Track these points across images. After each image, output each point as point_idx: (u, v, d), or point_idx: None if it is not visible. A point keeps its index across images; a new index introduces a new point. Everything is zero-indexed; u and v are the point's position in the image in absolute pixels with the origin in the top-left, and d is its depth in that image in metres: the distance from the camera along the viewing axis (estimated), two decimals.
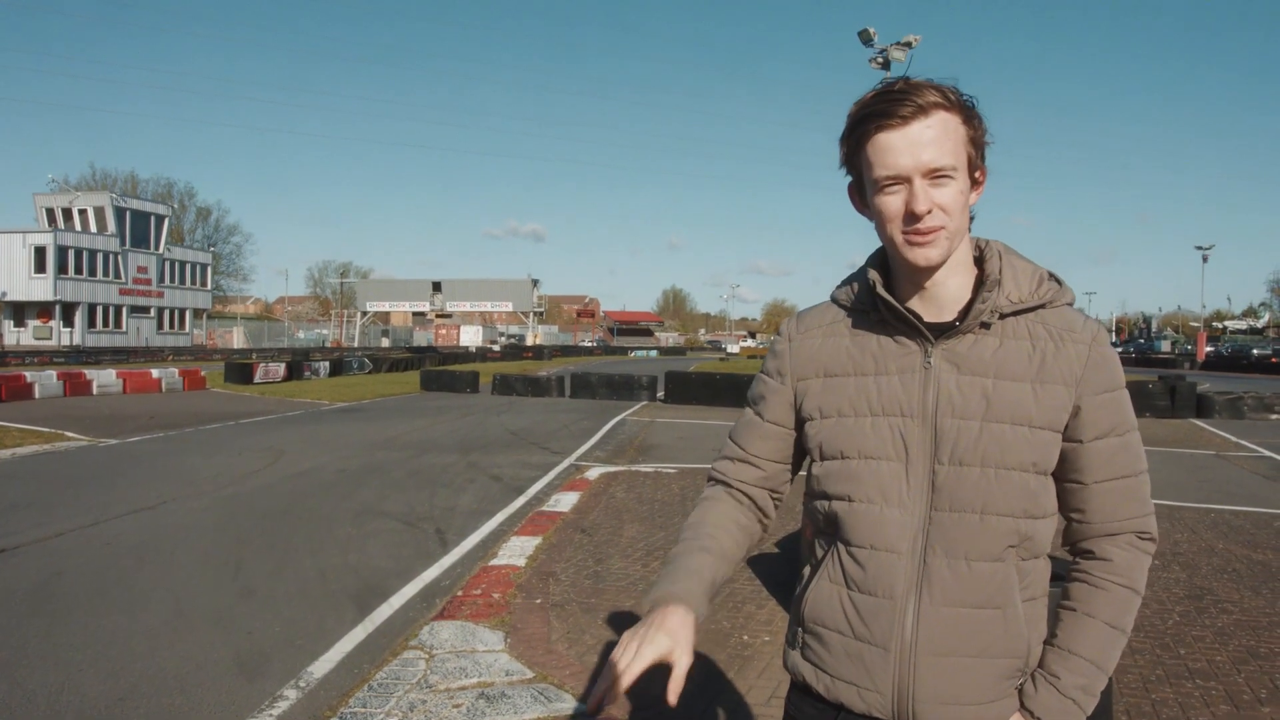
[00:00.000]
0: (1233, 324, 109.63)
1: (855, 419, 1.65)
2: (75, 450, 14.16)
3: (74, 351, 49.12)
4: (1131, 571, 1.61)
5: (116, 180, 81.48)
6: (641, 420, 20.08)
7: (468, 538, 8.27)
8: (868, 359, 1.66)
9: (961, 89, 1.57)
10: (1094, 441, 1.58)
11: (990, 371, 1.57)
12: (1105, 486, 1.59)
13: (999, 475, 1.55)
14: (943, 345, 1.60)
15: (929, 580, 1.58)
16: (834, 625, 1.66)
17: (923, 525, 1.59)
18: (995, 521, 1.55)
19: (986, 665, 1.57)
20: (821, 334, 1.73)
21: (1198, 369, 54.75)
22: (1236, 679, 4.89)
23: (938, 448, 1.59)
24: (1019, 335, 1.59)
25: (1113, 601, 1.60)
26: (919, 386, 1.60)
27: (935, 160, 1.50)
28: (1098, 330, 1.61)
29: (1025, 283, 1.62)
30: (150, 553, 7.56)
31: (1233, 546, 7.99)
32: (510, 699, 4.57)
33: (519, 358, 68.42)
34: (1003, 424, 1.55)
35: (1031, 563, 1.61)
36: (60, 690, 4.69)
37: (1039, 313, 1.61)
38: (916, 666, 1.58)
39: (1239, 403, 21.78)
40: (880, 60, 27.87)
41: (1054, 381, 1.56)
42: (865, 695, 1.62)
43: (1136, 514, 1.61)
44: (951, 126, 1.53)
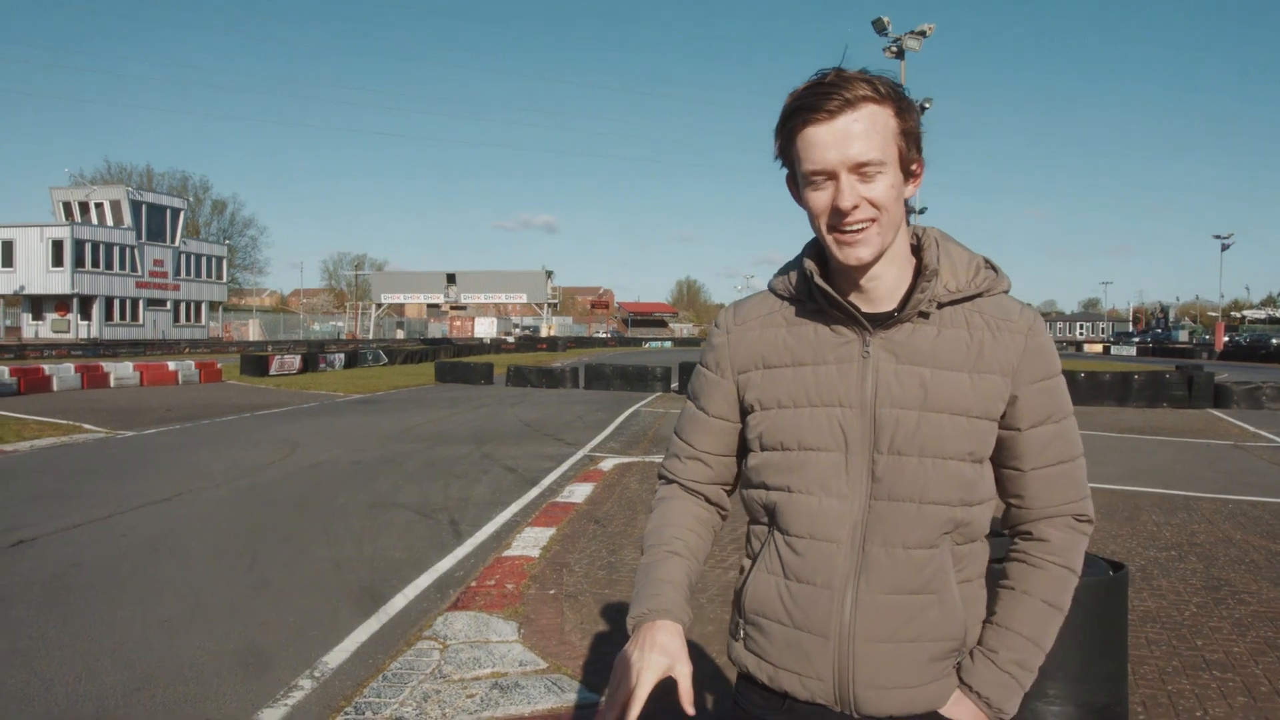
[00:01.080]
0: (1251, 313, 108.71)
1: (794, 410, 1.64)
2: (93, 442, 14.26)
3: (91, 344, 49.46)
4: (1068, 552, 1.65)
5: (132, 174, 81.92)
6: (655, 411, 20.08)
7: (482, 529, 8.28)
8: (805, 349, 1.65)
9: (898, 85, 1.55)
10: (1031, 429, 1.61)
11: (928, 361, 1.58)
12: (1043, 473, 1.63)
13: (936, 465, 1.56)
14: (881, 335, 1.60)
15: (867, 569, 1.59)
16: (773, 615, 1.66)
17: (863, 515, 1.60)
18: (932, 510, 1.57)
19: (923, 649, 1.60)
20: (759, 324, 1.71)
21: (1216, 359, 54.38)
22: (1254, 670, 4.85)
23: (877, 437, 1.59)
24: (956, 324, 1.60)
25: (1050, 580, 1.64)
26: (857, 376, 1.60)
27: (862, 155, 1.49)
28: (1034, 319, 1.62)
29: (962, 272, 1.62)
30: (166, 544, 7.60)
31: (1251, 537, 7.93)
32: (524, 689, 4.58)
33: (533, 349, 68.50)
34: (940, 414, 1.57)
35: (968, 546, 1.64)
36: (78, 679, 4.72)
37: (976, 302, 1.62)
38: (855, 653, 1.59)
39: (1257, 392, 21.61)
40: (894, 49, 27.73)
41: (991, 371, 1.58)
42: (807, 683, 1.64)
43: (1074, 498, 1.65)
44: (881, 120, 1.50)
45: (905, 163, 1.54)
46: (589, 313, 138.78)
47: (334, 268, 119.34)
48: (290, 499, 9.57)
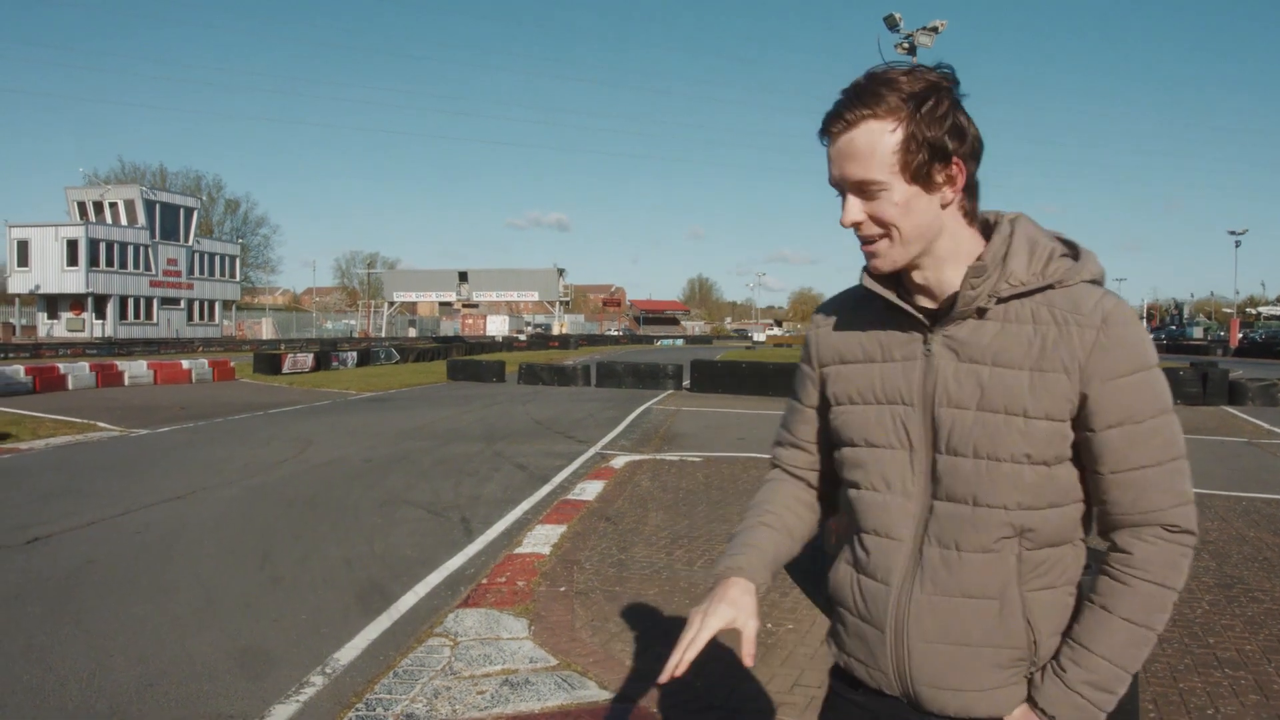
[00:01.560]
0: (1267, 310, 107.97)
1: (863, 406, 1.67)
2: (107, 440, 14.35)
3: (106, 343, 49.71)
4: (1154, 566, 1.51)
5: (146, 173, 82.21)
6: (667, 409, 20.08)
7: (493, 526, 8.30)
8: (876, 346, 1.66)
9: (972, 83, 1.52)
10: (1106, 431, 1.50)
11: (988, 358, 1.54)
12: (1123, 477, 1.51)
13: (990, 466, 1.53)
14: (943, 332, 1.58)
15: (923, 569, 1.60)
16: (846, 605, 1.72)
17: (924, 514, 1.60)
18: (986, 513, 1.54)
19: (980, 654, 1.57)
20: (842, 320, 1.74)
21: (1231, 355, 54.04)
22: (1266, 668, 4.83)
23: (935, 437, 1.58)
24: (1022, 319, 1.53)
25: (1133, 596, 1.51)
26: (919, 374, 1.60)
27: (857, 174, 1.51)
28: (1111, 310, 1.50)
29: (1032, 263, 1.55)
30: (179, 541, 7.65)
31: (1264, 535, 7.89)
32: (534, 686, 4.59)
33: (545, 347, 68.52)
34: (996, 414, 1.52)
35: (1045, 552, 1.57)
36: (92, 675, 4.76)
37: (1047, 294, 1.54)
38: (910, 650, 1.61)
39: (1272, 389, 21.45)
40: (906, 46, 27.63)
41: (1053, 369, 1.50)
42: (872, 673, 1.68)
43: (1162, 505, 1.51)
44: (880, 136, 1.48)
45: (918, 174, 1.50)
46: (601, 310, 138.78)
47: (346, 266, 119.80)
48: (302, 497, 9.61)
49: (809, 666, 4.85)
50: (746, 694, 4.53)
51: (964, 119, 1.51)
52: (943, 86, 1.50)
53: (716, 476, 10.81)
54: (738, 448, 13.54)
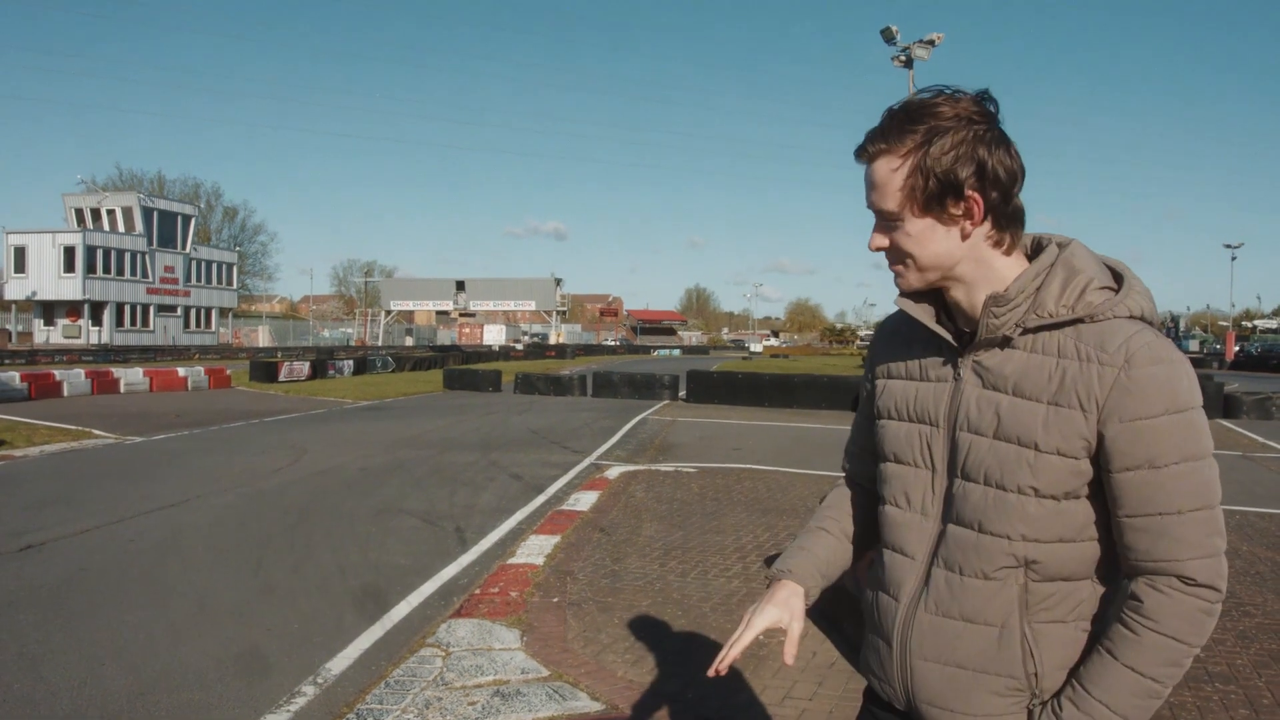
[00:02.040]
0: (1263, 323, 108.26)
1: (897, 423, 1.71)
2: (102, 448, 14.33)
3: (102, 350, 49.64)
4: (1165, 617, 1.46)
5: (143, 180, 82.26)
6: (663, 419, 20.08)
7: (487, 536, 8.31)
8: (916, 365, 1.70)
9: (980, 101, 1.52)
10: (1124, 473, 1.46)
11: (1008, 388, 1.54)
12: (1140, 522, 1.47)
13: (996, 495, 1.54)
14: (973, 358, 1.60)
15: (929, 589, 1.63)
16: (869, 618, 1.77)
17: (937, 535, 1.63)
18: (990, 541, 1.55)
19: (978, 679, 1.59)
20: (894, 336, 1.78)
21: (1226, 368, 54.12)
22: (1257, 683, 4.84)
23: (952, 460, 1.61)
24: (1047, 351, 1.52)
25: (1141, 647, 1.47)
26: (948, 397, 1.63)
27: (877, 204, 1.57)
28: (1138, 349, 1.45)
29: (1065, 295, 1.53)
30: (173, 549, 7.64)
31: (1257, 549, 7.91)
32: (525, 697, 4.59)
33: (542, 356, 68.58)
34: (1009, 443, 1.53)
35: (1055, 585, 1.55)
36: (83, 684, 4.75)
37: (1078, 327, 1.51)
38: (913, 668, 1.64)
39: (1267, 403, 21.49)
40: (903, 59, 27.72)
41: (1069, 405, 1.48)
42: (884, 687, 1.72)
43: (1179, 556, 1.45)
44: (890, 172, 1.52)
45: (928, 206, 1.52)
46: (598, 320, 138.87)
47: (343, 274, 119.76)
48: (297, 505, 9.61)
49: (801, 679, 4.85)
50: (738, 705, 4.54)
51: (985, 151, 1.49)
52: (970, 119, 1.50)
53: (711, 488, 10.81)
54: (733, 459, 13.54)
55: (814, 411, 22.17)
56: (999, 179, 1.50)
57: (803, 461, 13.25)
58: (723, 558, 7.38)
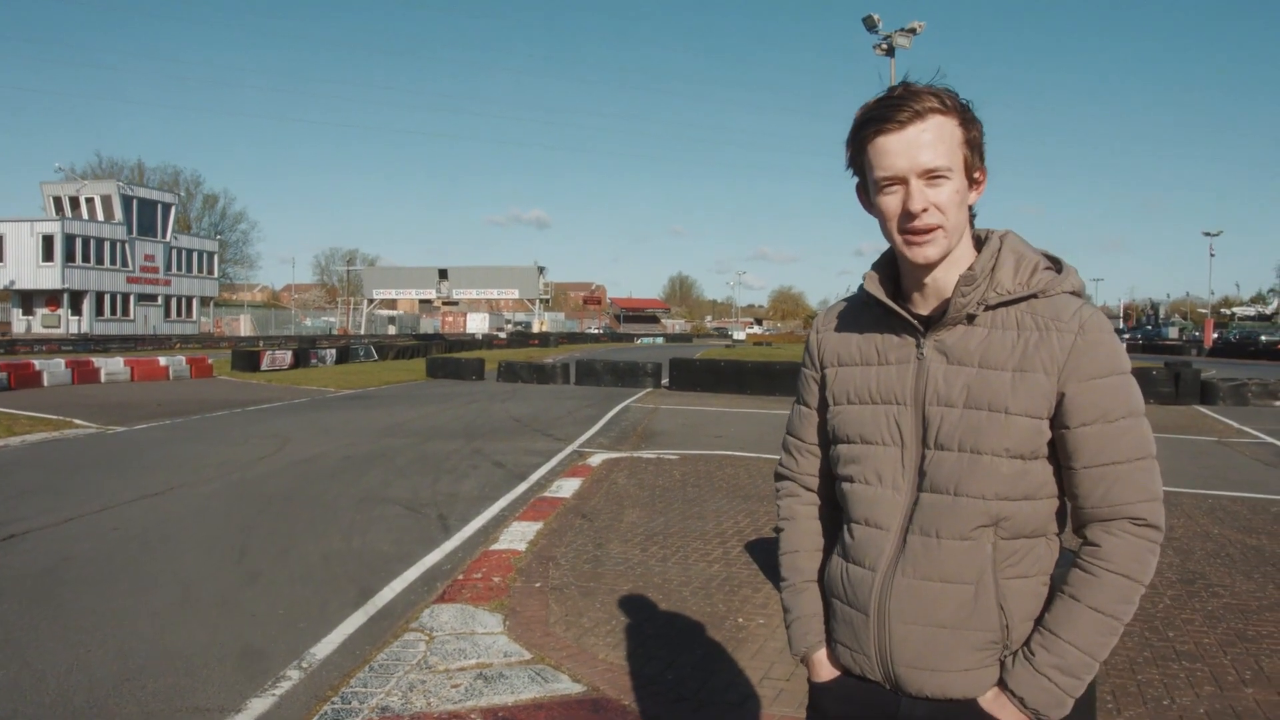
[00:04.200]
0: (1241, 310, 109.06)
1: (859, 406, 1.79)
2: (83, 437, 14.30)
3: (82, 339, 49.35)
4: (1121, 557, 1.62)
5: (123, 169, 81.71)
6: (645, 407, 20.16)
7: (470, 523, 8.37)
8: (872, 350, 1.79)
9: (960, 92, 1.66)
10: (1080, 428, 1.62)
11: (975, 361, 1.67)
12: (1095, 472, 1.63)
13: (972, 459, 1.65)
14: (934, 337, 1.71)
15: (905, 555, 1.71)
16: (836, 593, 1.84)
17: (910, 505, 1.72)
18: (966, 503, 1.66)
19: (957, 636, 1.68)
20: (840, 325, 1.87)
21: (1205, 355, 54.58)
22: (1223, 661, 4.96)
23: (925, 433, 1.71)
24: (1007, 325, 1.67)
25: (1101, 587, 1.62)
26: (912, 376, 1.73)
27: (930, 162, 1.61)
28: (1088, 319, 1.64)
29: (1018, 273, 1.69)
30: (157, 538, 7.67)
31: (1228, 531, 8.05)
32: (508, 679, 4.66)
33: (525, 345, 68.53)
34: (980, 410, 1.65)
35: (1020, 542, 1.68)
36: (69, 670, 4.80)
37: (1030, 303, 1.68)
38: (891, 633, 1.72)
39: (1243, 389, 21.75)
40: (884, 47, 27.80)
41: (1034, 369, 1.63)
42: (857, 658, 1.79)
43: (1130, 499, 1.63)
44: (947, 130, 1.63)
45: (969, 170, 1.66)
46: (581, 308, 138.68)
47: (326, 263, 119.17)
48: (280, 493, 9.64)
49: (778, 660, 4.94)
50: (716, 686, 4.62)
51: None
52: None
53: (693, 474, 10.90)
54: (715, 445, 13.63)
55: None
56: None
57: None
58: (704, 543, 7.47)
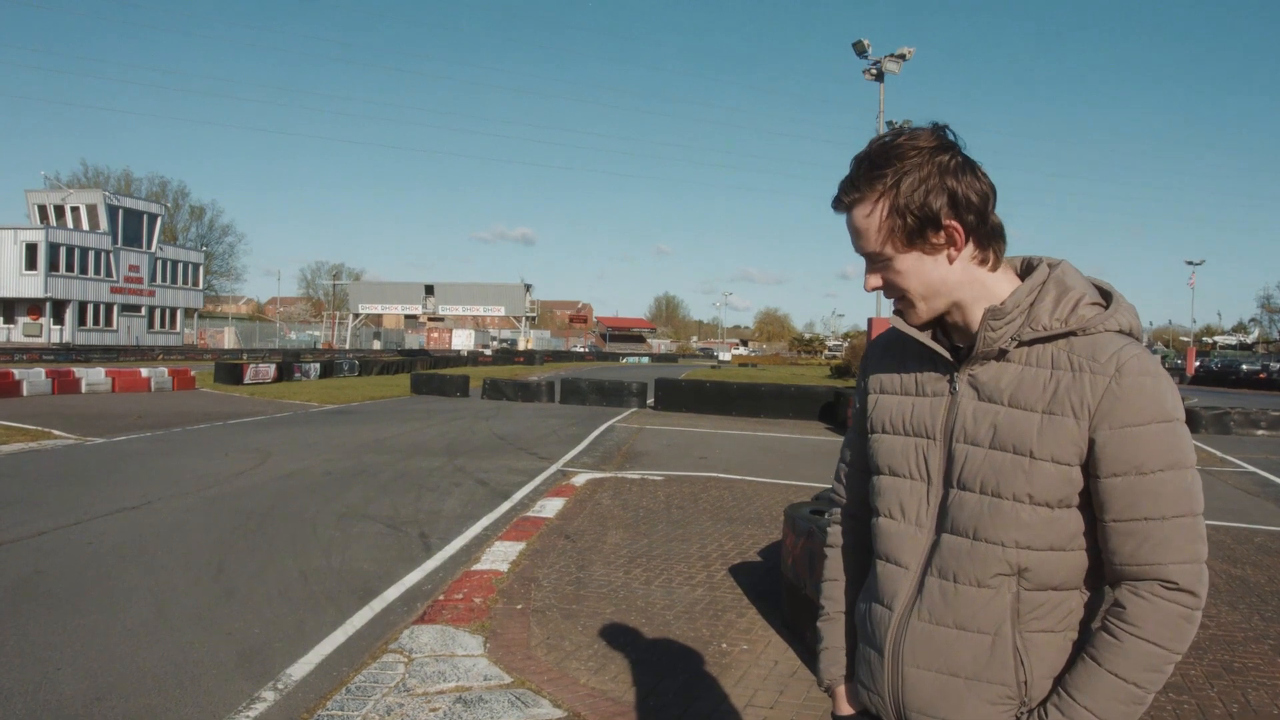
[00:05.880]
0: (1223, 339, 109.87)
1: (892, 436, 1.75)
2: (62, 449, 14.12)
3: (63, 349, 48.97)
4: (1147, 623, 1.51)
5: (110, 178, 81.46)
6: (630, 427, 20.09)
7: (451, 542, 8.27)
8: (911, 381, 1.75)
9: (950, 123, 1.60)
10: (1111, 478, 1.52)
11: (1004, 399, 1.60)
12: (1124, 526, 1.53)
13: (993, 503, 1.58)
14: (969, 372, 1.65)
15: (922, 597, 1.65)
16: (860, 629, 1.80)
17: (930, 545, 1.66)
18: (984, 548, 1.59)
19: (970, 686, 1.61)
20: (887, 353, 1.82)
21: (1187, 384, 54.90)
22: (1209, 693, 4.93)
23: (948, 471, 1.65)
24: (1042, 363, 1.59)
25: (1125, 653, 1.51)
26: (944, 410, 1.67)
27: (863, 249, 1.63)
28: (1129, 359, 1.52)
29: (1059, 308, 1.60)
30: (132, 552, 7.55)
31: (1212, 561, 7.97)
32: (488, 704, 4.58)
33: (510, 362, 68.32)
34: (1005, 452, 1.58)
35: (1046, 594, 1.59)
36: (37, 689, 4.68)
37: (1069, 340, 1.58)
38: (904, 677, 1.66)
39: (1225, 418, 21.85)
40: (874, 71, 27.97)
41: (1063, 413, 1.54)
42: (872, 698, 1.74)
43: (1161, 560, 1.51)
44: (871, 215, 1.60)
45: (912, 241, 1.59)
46: (567, 327, 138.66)
47: (312, 276, 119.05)
48: (260, 509, 9.52)
49: (762, 687, 4.87)
50: (700, 713, 4.55)
51: (953, 180, 1.56)
52: (933, 152, 1.57)
53: (677, 496, 10.83)
54: (699, 467, 13.57)
55: (781, 421, 22.27)
56: (971, 203, 1.57)
57: (769, 470, 13.30)
58: (688, 566, 7.40)
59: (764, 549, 7.92)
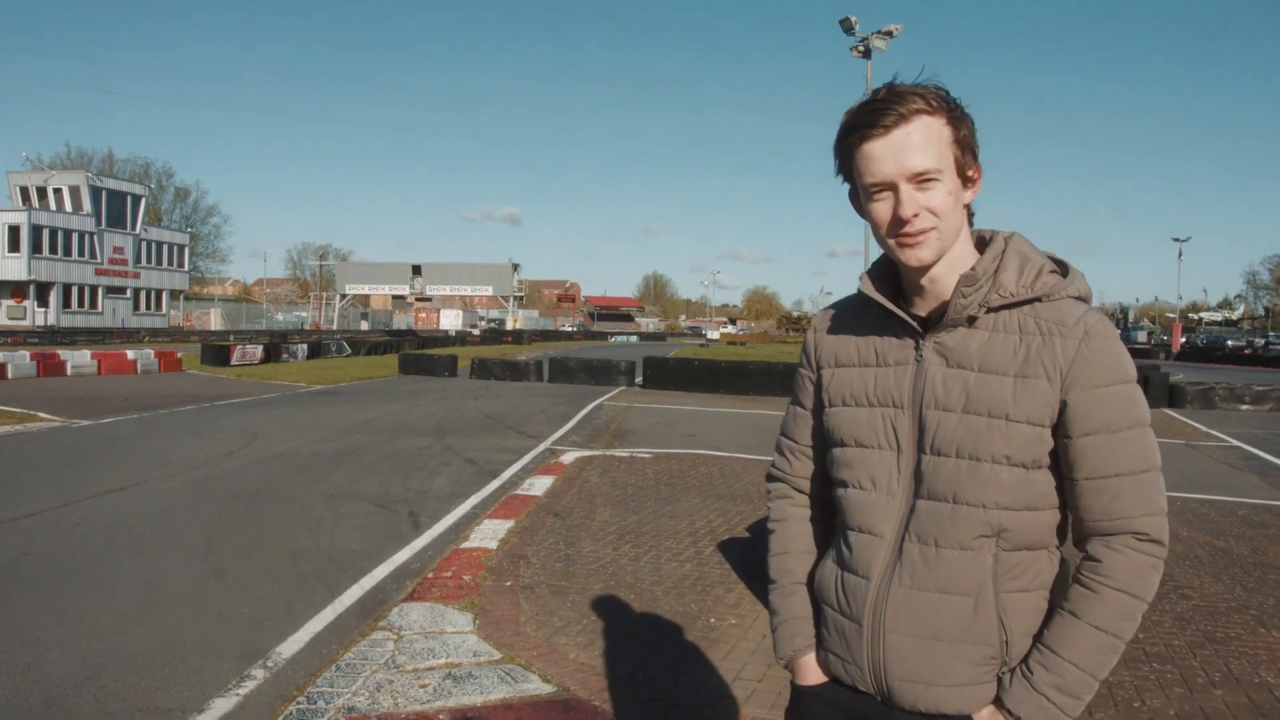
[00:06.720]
0: (1209, 315, 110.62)
1: (855, 408, 1.74)
2: (47, 431, 14.07)
3: (48, 332, 48.68)
4: (1122, 574, 1.57)
5: (93, 159, 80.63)
6: (619, 405, 20.11)
7: (440, 520, 8.28)
8: (871, 351, 1.74)
9: (949, 90, 1.60)
10: (1083, 438, 1.57)
11: (975, 364, 1.61)
12: (1097, 484, 1.58)
13: (971, 466, 1.60)
14: (934, 339, 1.65)
15: (902, 564, 1.66)
16: (829, 601, 1.78)
17: (906, 512, 1.67)
18: (965, 511, 1.60)
19: (954, 650, 1.63)
20: (839, 326, 1.82)
21: (1173, 359, 55.19)
22: (1192, 662, 4.98)
23: (921, 438, 1.65)
24: (1009, 329, 1.61)
25: (1102, 604, 1.57)
26: (910, 379, 1.67)
27: (919, 165, 1.56)
28: (1093, 325, 1.58)
29: (1023, 276, 1.63)
30: (120, 534, 7.54)
31: (1196, 534, 8.10)
32: (477, 679, 4.60)
33: (498, 342, 68.28)
34: (979, 416, 1.59)
35: (1021, 554, 1.63)
36: (26, 670, 4.68)
37: (1034, 306, 1.62)
38: (886, 645, 1.66)
39: (1210, 393, 21.99)
40: (861, 49, 27.89)
41: (1036, 375, 1.57)
42: (849, 668, 1.73)
43: (1132, 513, 1.57)
44: (935, 130, 1.57)
45: (961, 169, 1.60)
46: (555, 306, 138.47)
47: (298, 257, 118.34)
48: (248, 490, 9.51)
49: (750, 661, 4.91)
50: (688, 687, 4.58)
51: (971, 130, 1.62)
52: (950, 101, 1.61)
53: (665, 473, 10.86)
54: (688, 444, 13.61)
55: (769, 398, 22.31)
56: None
57: (757, 447, 13.33)
58: (676, 542, 7.43)
59: (752, 525, 7.96)
